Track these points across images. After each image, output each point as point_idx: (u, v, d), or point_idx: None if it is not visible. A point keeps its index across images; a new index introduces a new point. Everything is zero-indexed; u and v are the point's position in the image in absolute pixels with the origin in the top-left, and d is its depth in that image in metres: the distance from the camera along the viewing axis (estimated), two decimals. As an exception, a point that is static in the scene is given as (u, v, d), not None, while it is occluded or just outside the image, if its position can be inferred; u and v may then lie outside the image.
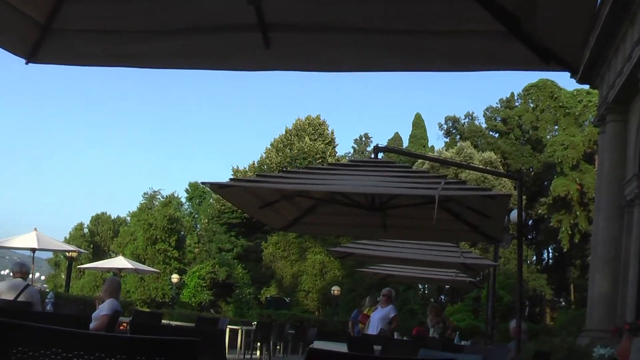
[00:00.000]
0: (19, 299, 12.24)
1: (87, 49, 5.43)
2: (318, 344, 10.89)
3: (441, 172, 41.57)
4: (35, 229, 24.27)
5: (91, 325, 10.48)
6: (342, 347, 10.34)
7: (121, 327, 15.20)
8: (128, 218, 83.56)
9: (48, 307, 14.69)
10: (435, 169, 46.19)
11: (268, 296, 56.52)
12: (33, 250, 24.13)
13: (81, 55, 5.58)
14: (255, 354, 26.17)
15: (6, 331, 2.31)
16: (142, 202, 79.75)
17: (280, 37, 4.85)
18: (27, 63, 5.26)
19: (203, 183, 9.35)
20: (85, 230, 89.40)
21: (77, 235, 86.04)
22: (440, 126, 68.90)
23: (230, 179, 12.73)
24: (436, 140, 76.39)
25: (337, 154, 65.88)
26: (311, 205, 10.71)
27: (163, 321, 19.97)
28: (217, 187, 9.46)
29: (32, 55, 5.23)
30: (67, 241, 71.13)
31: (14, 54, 5.21)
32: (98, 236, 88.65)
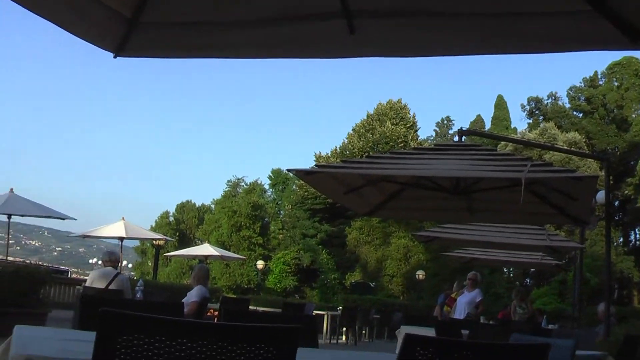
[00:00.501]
0: (110, 287, 12.53)
1: (173, 41, 5.50)
2: (405, 329, 10.85)
3: (525, 154, 40.97)
4: (123, 218, 24.73)
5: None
6: (428, 332, 10.29)
7: (208, 314, 15.42)
8: (212, 206, 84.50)
9: (138, 295, 14.98)
10: (519, 151, 45.51)
11: (352, 281, 56.54)
12: (121, 239, 24.60)
13: (167, 48, 5.66)
14: (341, 338, 26.28)
15: (111, 320, 2.37)
16: (226, 189, 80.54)
17: (364, 23, 4.84)
18: (115, 57, 5.35)
19: (289, 170, 9.43)
20: (171, 219, 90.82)
21: (163, 224, 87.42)
22: (523, 107, 67.70)
23: (315, 166, 12.77)
24: (519, 122, 75.39)
25: (419, 138, 65.39)
26: (396, 190, 10.69)
27: (250, 307, 20.19)
28: (302, 173, 9.52)
29: (120, 49, 5.31)
30: (154, 229, 72.42)
31: (102, 48, 5.31)
32: (183, 224, 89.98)
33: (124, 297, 12.34)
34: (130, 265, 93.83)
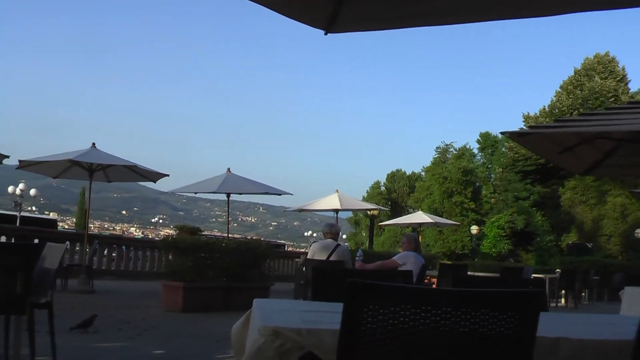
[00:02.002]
0: (331, 258, 12.85)
1: (381, 13, 5.53)
2: (630, 290, 10.48)
3: None
4: (337, 191, 25.16)
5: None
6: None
7: (425, 281, 15.49)
8: (423, 173, 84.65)
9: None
10: None
11: (569, 242, 55.11)
12: (336, 211, 25.05)
13: (375, 20, 5.68)
14: (560, 301, 25.74)
15: (358, 291, 2.45)
16: (435, 156, 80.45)
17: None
18: (325, 34, 5.43)
19: (502, 133, 9.32)
20: (382, 188, 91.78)
21: (374, 194, 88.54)
22: None
23: (527, 126, 12.52)
24: None
25: (630, 91, 62.53)
26: (611, 147, 10.33)
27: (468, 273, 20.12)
28: (516, 135, 9.38)
29: (330, 25, 5.39)
30: (366, 200, 73.35)
31: (313, 27, 5.41)
32: (395, 193, 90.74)
33: (345, 267, 12.63)
34: (344, 237, 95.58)
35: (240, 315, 3.67)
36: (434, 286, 16.09)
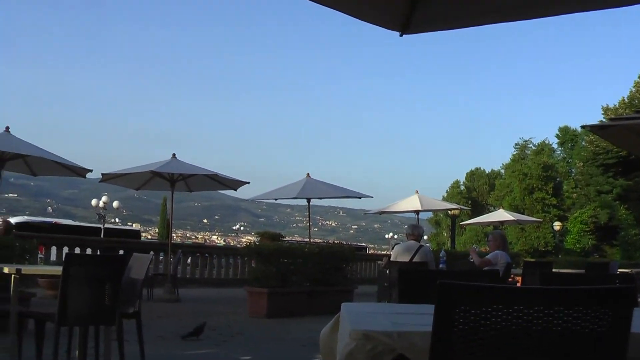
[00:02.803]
0: (414, 259, 12.81)
1: (454, 12, 5.50)
2: None
3: None
4: (417, 192, 25.05)
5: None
6: None
7: (509, 279, 15.33)
8: (502, 170, 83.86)
9: (441, 265, 15.17)
10: None
11: (657, 236, 54.02)
12: (417, 212, 24.93)
13: (449, 19, 5.66)
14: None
15: (449, 292, 2.44)
16: (514, 152, 79.71)
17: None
18: (401, 35, 5.43)
19: (583, 126, 9.22)
20: (462, 187, 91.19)
21: (454, 193, 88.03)
22: None
23: (608, 119, 12.32)
24: None
25: None
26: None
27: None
28: (597, 128, 9.25)
29: (405, 27, 5.39)
30: (445, 199, 72.89)
31: (389, 29, 5.42)
32: (475, 191, 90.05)
33: (428, 268, 12.57)
34: (425, 237, 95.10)
35: (325, 320, 3.69)
36: (518, 284, 15.91)
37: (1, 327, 8.33)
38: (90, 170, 17.67)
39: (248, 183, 21.33)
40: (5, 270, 7.70)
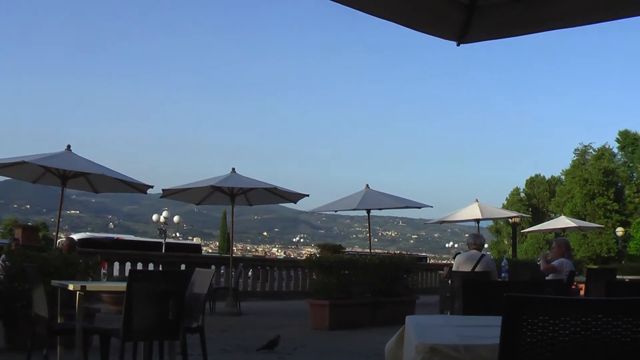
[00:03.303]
0: (476, 269, 12.70)
1: (512, 19, 5.47)
2: None
3: None
4: (477, 200, 24.88)
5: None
6: None
7: (572, 287, 15.10)
8: (562, 176, 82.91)
9: (503, 274, 15.00)
10: None
11: None
12: (477, 220, 24.77)
13: (506, 27, 5.62)
14: None
15: (517, 304, 2.42)
16: (574, 158, 78.59)
17: None
18: (458, 45, 5.42)
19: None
20: (522, 195, 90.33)
21: (514, 200, 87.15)
22: None
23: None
24: None
25: None
26: None
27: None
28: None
29: (462, 36, 5.38)
30: (505, 207, 72.23)
31: (445, 39, 5.41)
32: (535, 199, 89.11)
33: (491, 278, 12.46)
34: (486, 246, 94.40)
35: (387, 331, 3.70)
36: (581, 292, 15.70)
37: (67, 343, 8.46)
38: (151, 187, 17.86)
39: (307, 195, 21.37)
40: (71, 287, 7.83)
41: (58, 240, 18.60)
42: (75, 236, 40.43)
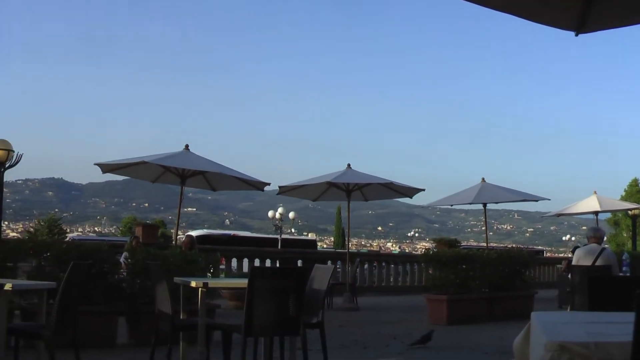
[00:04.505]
0: (597, 263, 12.42)
1: (629, 8, 5.36)
2: None
3: None
4: (595, 192, 24.33)
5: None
6: None
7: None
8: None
9: (624, 268, 14.67)
10: None
11: None
12: (596, 213, 24.23)
13: (625, 16, 5.51)
14: None
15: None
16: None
17: None
18: (576, 35, 5.34)
19: None
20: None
21: (632, 192, 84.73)
22: None
23: None
24: None
25: None
26: None
27: None
28: None
29: (581, 26, 5.30)
30: (624, 199, 70.36)
31: (564, 29, 5.35)
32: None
33: (612, 272, 12.18)
34: (605, 239, 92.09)
35: (505, 326, 3.69)
36: None
37: (189, 338, 8.65)
38: (268, 184, 18.06)
39: (423, 190, 21.27)
40: (193, 284, 8.00)
41: (175, 237, 19.03)
42: (193, 233, 41.28)
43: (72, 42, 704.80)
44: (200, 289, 7.83)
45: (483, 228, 24.12)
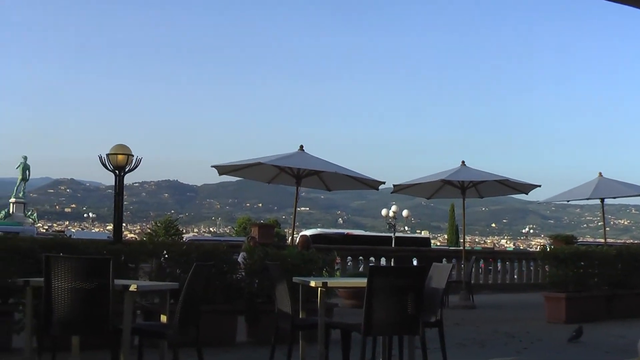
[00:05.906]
0: None
1: None
2: None
3: None
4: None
5: None
6: None
7: None
8: None
9: None
10: None
11: None
12: None
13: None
14: None
15: None
16: None
17: None
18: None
19: None
20: None
21: None
22: None
23: None
24: None
25: None
26: None
27: None
28: None
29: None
30: None
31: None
32: None
33: None
34: None
35: (625, 324, 3.67)
36: None
37: (308, 337, 8.75)
38: (383, 182, 18.12)
39: (539, 186, 20.97)
40: (312, 284, 8.08)
41: (291, 237, 19.22)
42: (307, 232, 41.71)
43: (180, 49, 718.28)
44: (319, 288, 7.92)
45: (599, 223, 23.76)
